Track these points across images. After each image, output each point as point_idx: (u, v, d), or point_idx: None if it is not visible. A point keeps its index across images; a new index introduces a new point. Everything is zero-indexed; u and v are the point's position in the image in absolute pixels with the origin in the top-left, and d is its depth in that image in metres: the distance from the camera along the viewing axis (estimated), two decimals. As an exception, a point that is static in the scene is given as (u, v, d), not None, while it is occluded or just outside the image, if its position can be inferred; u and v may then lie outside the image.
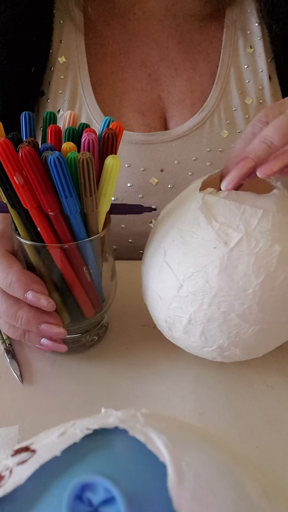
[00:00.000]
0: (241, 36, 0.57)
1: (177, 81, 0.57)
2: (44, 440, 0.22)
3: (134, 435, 0.20)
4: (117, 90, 0.57)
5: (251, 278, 0.32)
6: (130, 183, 0.56)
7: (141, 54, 0.57)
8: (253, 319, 0.33)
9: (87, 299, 0.38)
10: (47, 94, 0.56)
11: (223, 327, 0.33)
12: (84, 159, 0.30)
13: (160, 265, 0.35)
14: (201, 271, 0.33)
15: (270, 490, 0.21)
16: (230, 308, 0.33)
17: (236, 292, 0.32)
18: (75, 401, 0.38)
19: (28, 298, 0.35)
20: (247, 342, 0.34)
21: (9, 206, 0.34)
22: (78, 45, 0.56)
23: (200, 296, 0.33)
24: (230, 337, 0.34)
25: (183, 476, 0.18)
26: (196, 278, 0.33)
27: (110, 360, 0.42)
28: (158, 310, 0.37)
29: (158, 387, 0.39)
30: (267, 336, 0.35)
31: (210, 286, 0.33)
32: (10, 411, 0.37)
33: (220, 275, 0.32)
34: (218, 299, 0.33)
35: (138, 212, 0.39)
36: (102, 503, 0.17)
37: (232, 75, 0.57)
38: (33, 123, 0.35)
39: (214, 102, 0.56)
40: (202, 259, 0.33)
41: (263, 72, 0.57)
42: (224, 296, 0.32)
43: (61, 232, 0.34)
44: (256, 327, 0.33)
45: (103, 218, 0.36)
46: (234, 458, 0.22)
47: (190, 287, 0.33)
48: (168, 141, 0.56)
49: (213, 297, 0.33)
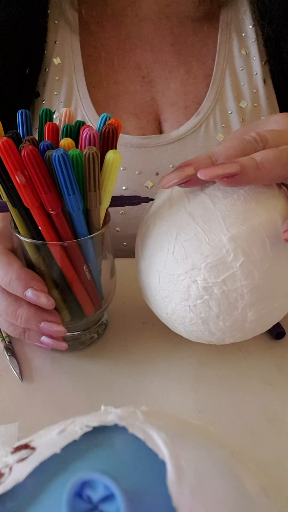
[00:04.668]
0: (236, 38, 0.57)
1: (171, 83, 0.57)
2: (44, 438, 0.22)
3: (133, 433, 0.20)
4: (112, 92, 0.57)
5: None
6: (125, 186, 0.56)
7: (135, 56, 0.57)
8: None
9: (86, 297, 0.38)
10: (42, 96, 0.56)
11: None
12: (90, 154, 0.30)
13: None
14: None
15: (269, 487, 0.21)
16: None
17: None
18: (74, 399, 0.38)
19: (27, 296, 0.35)
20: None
21: (9, 205, 0.33)
22: (73, 46, 0.56)
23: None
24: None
25: (182, 473, 0.18)
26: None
27: (109, 357, 0.42)
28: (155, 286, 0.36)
29: (158, 384, 0.39)
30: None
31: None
32: (9, 409, 0.37)
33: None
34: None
35: (136, 203, 0.39)
36: (102, 500, 0.17)
37: (227, 77, 0.56)
38: (29, 121, 0.35)
39: (209, 106, 0.56)
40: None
41: (257, 75, 0.57)
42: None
43: (62, 230, 0.34)
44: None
45: (103, 214, 0.36)
46: (233, 455, 0.22)
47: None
48: (164, 144, 0.56)
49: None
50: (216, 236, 0.33)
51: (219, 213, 0.33)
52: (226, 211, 0.33)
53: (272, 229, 0.33)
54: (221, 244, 0.32)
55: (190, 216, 0.34)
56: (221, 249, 0.32)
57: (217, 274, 0.33)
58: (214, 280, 0.33)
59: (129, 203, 0.39)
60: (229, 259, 0.32)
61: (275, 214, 0.33)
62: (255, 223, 0.33)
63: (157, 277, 0.35)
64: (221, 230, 0.33)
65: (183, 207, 0.35)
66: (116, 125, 0.34)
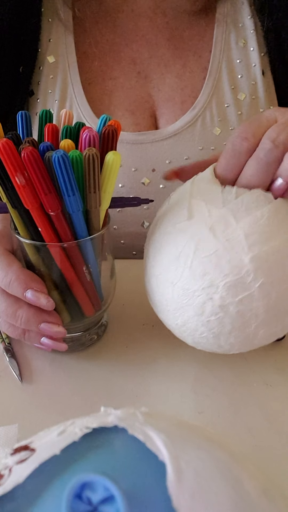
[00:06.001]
0: (233, 29, 0.56)
1: (167, 78, 0.56)
2: (44, 439, 0.22)
3: (133, 434, 0.20)
4: (107, 88, 0.56)
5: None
6: (121, 183, 0.55)
7: (130, 51, 0.57)
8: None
9: (86, 298, 0.38)
10: (36, 94, 0.56)
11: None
12: (90, 155, 0.30)
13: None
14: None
15: (269, 488, 0.21)
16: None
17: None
18: (74, 400, 0.38)
19: (27, 297, 0.35)
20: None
21: (9, 206, 0.33)
22: (67, 44, 0.55)
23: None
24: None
25: (182, 475, 0.18)
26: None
27: (109, 358, 0.42)
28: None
29: (158, 385, 0.39)
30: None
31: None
32: (9, 410, 0.37)
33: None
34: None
35: (136, 205, 0.39)
36: (102, 502, 0.17)
37: (224, 70, 0.56)
38: (29, 123, 0.35)
39: (205, 99, 0.55)
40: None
41: (256, 67, 0.56)
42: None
43: (62, 231, 0.34)
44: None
45: (103, 215, 0.36)
46: (233, 456, 0.22)
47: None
48: (159, 140, 0.55)
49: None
50: (237, 254, 0.32)
51: (241, 231, 0.32)
52: (248, 229, 0.32)
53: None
54: (241, 263, 0.32)
55: (211, 231, 0.33)
56: (241, 269, 0.32)
57: (235, 293, 0.32)
58: (231, 300, 0.32)
59: (129, 204, 0.39)
60: (248, 279, 0.32)
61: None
62: (277, 244, 0.32)
63: (170, 288, 0.34)
64: (243, 249, 0.32)
65: (203, 220, 0.33)
66: (116, 126, 0.34)
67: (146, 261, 0.38)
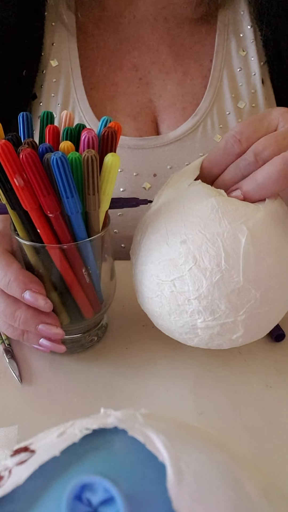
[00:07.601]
0: (234, 39, 0.57)
1: (168, 84, 0.57)
2: (43, 440, 0.22)
3: (133, 435, 0.20)
4: (109, 94, 0.57)
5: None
6: (122, 187, 0.56)
7: (132, 57, 0.57)
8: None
9: (86, 300, 0.38)
10: (39, 97, 0.56)
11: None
12: (89, 157, 0.30)
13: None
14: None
15: (269, 489, 0.21)
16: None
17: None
18: (74, 401, 0.38)
19: (25, 298, 0.35)
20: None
21: (8, 207, 0.33)
22: (70, 48, 0.56)
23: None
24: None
25: (182, 476, 0.18)
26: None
27: (109, 360, 0.42)
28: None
29: (157, 387, 0.39)
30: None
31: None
32: (9, 411, 0.37)
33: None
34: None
35: (134, 205, 0.39)
36: (102, 503, 0.17)
37: (225, 78, 0.56)
38: (31, 124, 0.35)
39: (207, 106, 0.56)
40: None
41: (255, 76, 0.57)
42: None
43: (61, 232, 0.34)
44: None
45: (103, 217, 0.36)
46: (233, 458, 0.22)
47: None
48: (161, 146, 0.56)
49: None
50: (176, 238, 0.34)
51: (185, 217, 0.34)
52: (192, 216, 0.34)
53: (232, 242, 0.33)
54: (176, 246, 0.33)
55: (159, 214, 0.36)
56: (175, 251, 0.33)
57: (168, 273, 0.34)
58: (165, 279, 0.34)
59: (128, 205, 0.39)
60: (180, 261, 0.33)
61: (240, 228, 0.33)
62: (214, 232, 0.33)
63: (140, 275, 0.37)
64: (183, 233, 0.34)
65: (157, 203, 0.37)
66: (116, 128, 0.34)
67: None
